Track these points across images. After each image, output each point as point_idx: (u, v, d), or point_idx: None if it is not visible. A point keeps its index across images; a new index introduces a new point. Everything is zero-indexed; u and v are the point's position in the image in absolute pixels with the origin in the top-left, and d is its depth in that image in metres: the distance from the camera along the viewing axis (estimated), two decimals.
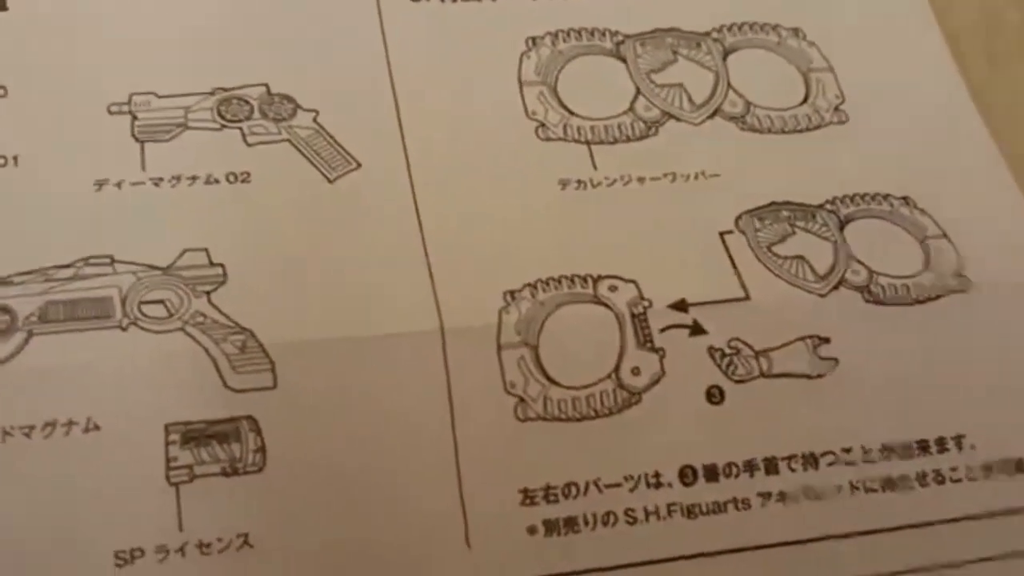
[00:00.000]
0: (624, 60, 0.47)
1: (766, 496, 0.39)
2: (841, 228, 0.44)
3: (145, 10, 0.45)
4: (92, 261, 0.39)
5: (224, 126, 0.42)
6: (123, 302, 0.38)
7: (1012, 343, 0.43)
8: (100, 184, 0.41)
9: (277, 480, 0.37)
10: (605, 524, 0.38)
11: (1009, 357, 0.42)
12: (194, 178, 0.41)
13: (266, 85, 0.44)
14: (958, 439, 0.41)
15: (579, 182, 0.44)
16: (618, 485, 0.39)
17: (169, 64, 0.44)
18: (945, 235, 0.44)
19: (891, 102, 0.48)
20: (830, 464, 0.40)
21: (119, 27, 0.44)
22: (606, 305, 0.41)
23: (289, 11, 0.46)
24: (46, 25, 0.44)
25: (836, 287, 0.43)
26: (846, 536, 0.39)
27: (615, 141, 0.45)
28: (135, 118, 0.42)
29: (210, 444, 0.37)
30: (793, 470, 0.40)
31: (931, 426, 0.41)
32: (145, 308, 0.38)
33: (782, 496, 0.39)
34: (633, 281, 0.41)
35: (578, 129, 0.45)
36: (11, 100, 0.42)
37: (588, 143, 0.45)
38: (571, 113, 0.45)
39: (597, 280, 0.41)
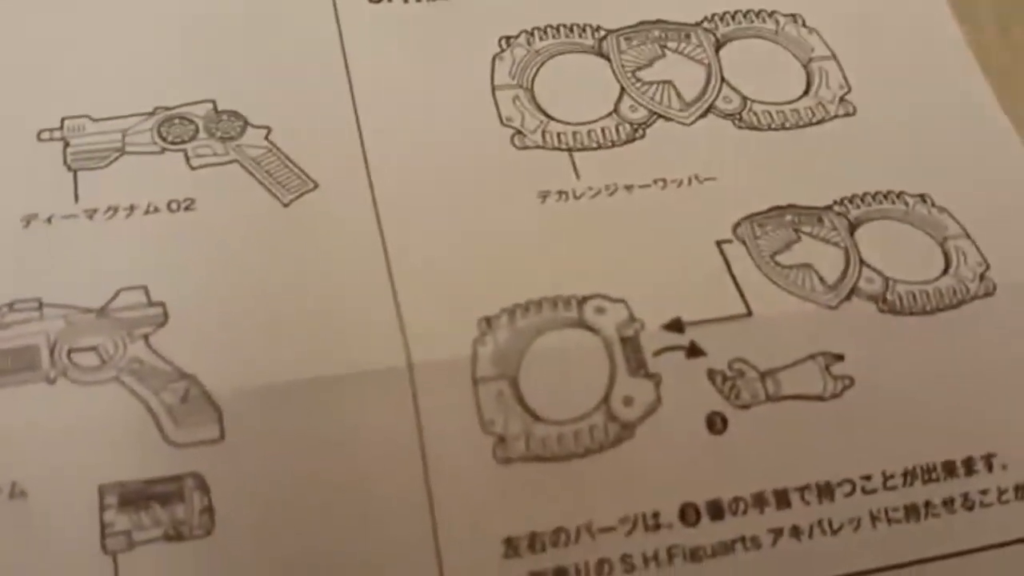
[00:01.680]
0: (607, 57, 0.44)
1: (777, 532, 0.36)
2: (852, 232, 0.40)
3: (77, 25, 0.41)
4: (17, 306, 0.35)
5: (166, 149, 0.39)
6: (51, 351, 0.34)
7: None
8: (28, 219, 0.37)
9: (227, 544, 0.33)
10: (599, 573, 0.35)
11: None
12: (132, 208, 0.38)
13: (212, 102, 0.40)
14: (988, 459, 0.37)
15: (560, 193, 0.40)
16: (612, 529, 0.35)
17: (104, 84, 0.40)
18: (967, 235, 0.41)
19: (902, 90, 0.44)
20: (847, 494, 0.36)
21: (48, 45, 0.41)
22: (593, 329, 0.37)
23: (236, 19, 0.42)
24: None
25: (848, 297, 0.39)
26: (867, 572, 0.36)
27: (599, 147, 0.41)
28: (67, 144, 0.38)
29: (151, 506, 0.33)
30: (807, 502, 0.36)
31: (958, 446, 0.38)
32: (75, 356, 0.34)
33: (795, 532, 0.36)
34: (622, 301, 0.38)
35: (558, 135, 0.41)
36: None
37: (569, 150, 0.41)
38: (550, 118, 0.42)
39: (582, 301, 0.38)
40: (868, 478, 0.37)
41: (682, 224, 0.40)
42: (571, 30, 0.44)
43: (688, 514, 0.36)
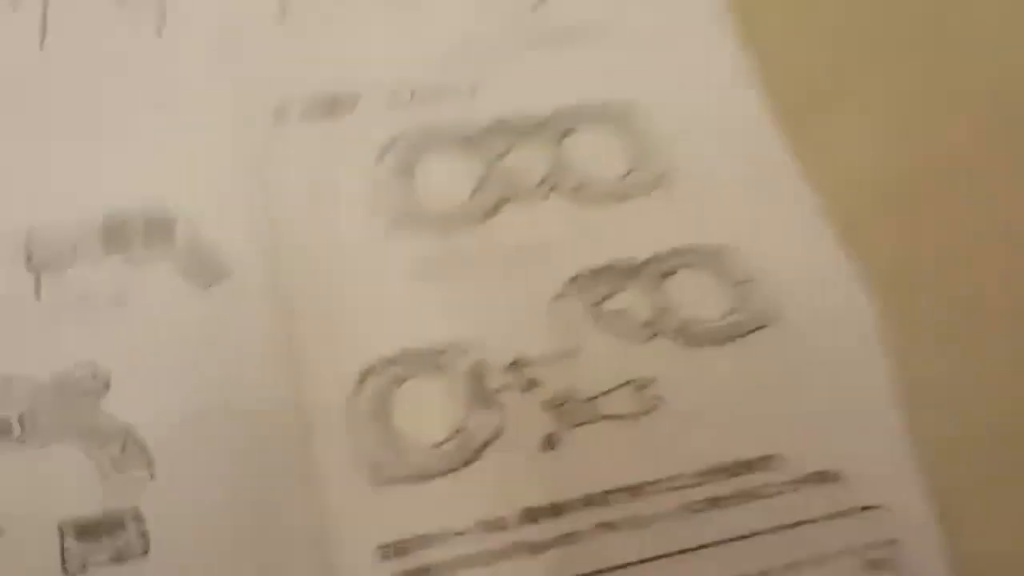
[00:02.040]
0: (473, 150, 0.52)
1: (599, 527, 0.44)
2: (662, 280, 0.49)
3: (33, 141, 0.51)
4: None
5: (109, 254, 0.48)
6: (20, 419, 0.44)
7: (816, 368, 0.47)
8: None
9: (160, 561, 0.42)
10: (456, 567, 0.43)
11: (815, 381, 0.47)
12: (82, 298, 0.47)
13: (149, 207, 0.49)
14: (772, 459, 0.45)
15: (431, 263, 0.49)
16: (467, 532, 0.43)
17: (58, 199, 0.49)
18: (756, 278, 0.49)
19: (712, 165, 0.52)
20: (656, 493, 0.44)
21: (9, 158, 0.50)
22: (449, 371, 0.46)
23: (170, 132, 0.51)
24: None
25: (657, 335, 0.48)
26: (676, 554, 0.44)
27: (461, 224, 0.50)
28: (30, 257, 0.48)
29: (99, 535, 0.42)
30: (621, 501, 0.44)
31: (748, 449, 0.45)
32: (40, 419, 0.44)
33: (611, 526, 0.44)
34: (474, 346, 0.47)
35: (431, 217, 0.50)
36: None
37: (441, 228, 0.50)
38: (424, 203, 0.51)
39: (441, 352, 0.47)
40: (674, 478, 0.45)
41: (526, 281, 0.48)
42: (442, 130, 0.53)
43: (529, 516, 0.44)
